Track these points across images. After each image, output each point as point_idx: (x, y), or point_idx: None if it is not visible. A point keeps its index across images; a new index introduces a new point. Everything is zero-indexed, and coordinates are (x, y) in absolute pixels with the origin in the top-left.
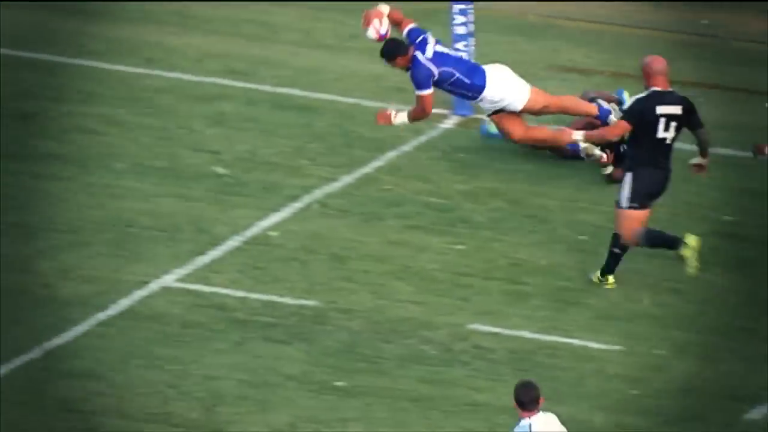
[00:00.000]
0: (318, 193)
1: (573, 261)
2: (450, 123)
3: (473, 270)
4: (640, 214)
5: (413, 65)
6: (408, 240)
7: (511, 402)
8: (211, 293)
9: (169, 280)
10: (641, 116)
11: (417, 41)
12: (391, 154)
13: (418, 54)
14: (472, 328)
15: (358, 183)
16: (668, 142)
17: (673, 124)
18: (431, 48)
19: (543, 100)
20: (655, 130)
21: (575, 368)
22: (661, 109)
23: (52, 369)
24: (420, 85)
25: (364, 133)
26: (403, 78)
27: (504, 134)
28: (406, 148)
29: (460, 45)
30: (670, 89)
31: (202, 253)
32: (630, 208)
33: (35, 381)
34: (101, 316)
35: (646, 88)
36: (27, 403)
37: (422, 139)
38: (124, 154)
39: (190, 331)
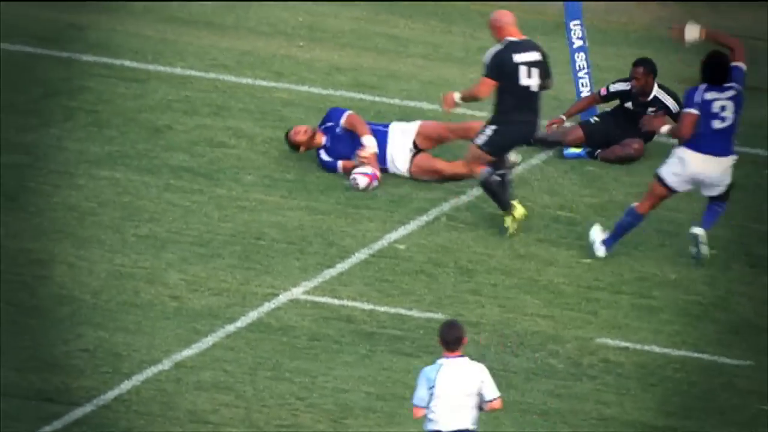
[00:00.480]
0: (446, 206)
1: (702, 275)
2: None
3: (601, 284)
4: (489, 159)
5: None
6: (536, 253)
7: (639, 416)
8: (339, 306)
9: (298, 292)
10: (501, 68)
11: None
12: (518, 168)
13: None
14: (600, 342)
15: (486, 196)
16: (533, 89)
17: (535, 70)
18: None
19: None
20: (517, 78)
21: (704, 383)
22: (518, 57)
23: (181, 380)
24: None
25: None
26: None
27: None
28: (534, 161)
29: (578, 57)
30: (525, 37)
31: (330, 265)
32: (482, 150)
33: (165, 392)
34: (230, 328)
35: (499, 41)
36: (157, 414)
37: (551, 152)
38: (253, 166)
39: (318, 343)
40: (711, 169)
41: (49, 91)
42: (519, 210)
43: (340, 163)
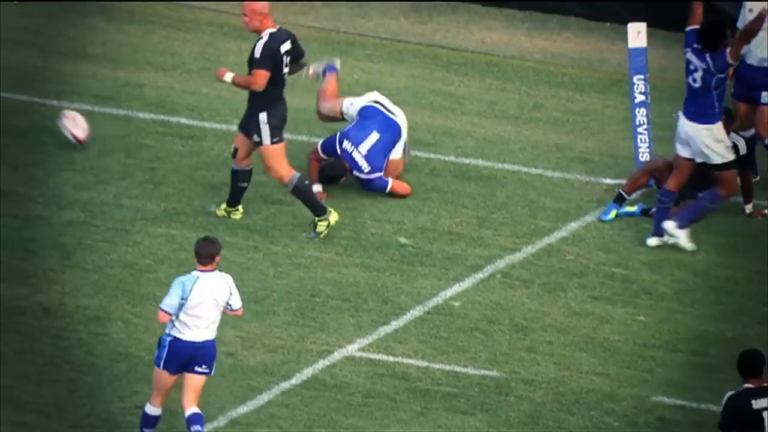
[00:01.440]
0: (501, 263)
1: (760, 333)
2: (635, 194)
3: (657, 341)
4: (282, 146)
5: None
6: (591, 311)
7: None
8: (394, 363)
9: (353, 349)
10: (273, 59)
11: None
12: (573, 225)
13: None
14: (656, 400)
15: (541, 253)
16: (286, 76)
17: (288, 58)
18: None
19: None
20: (281, 68)
21: None
22: (282, 47)
23: None
24: None
25: (547, 203)
26: (588, 148)
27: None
28: (590, 218)
29: (638, 112)
30: (278, 27)
31: (385, 322)
32: (274, 143)
33: None
34: (285, 385)
35: (259, 31)
36: None
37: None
38: (308, 222)
39: (373, 400)
40: (689, 129)
41: (106, 149)
42: (334, 216)
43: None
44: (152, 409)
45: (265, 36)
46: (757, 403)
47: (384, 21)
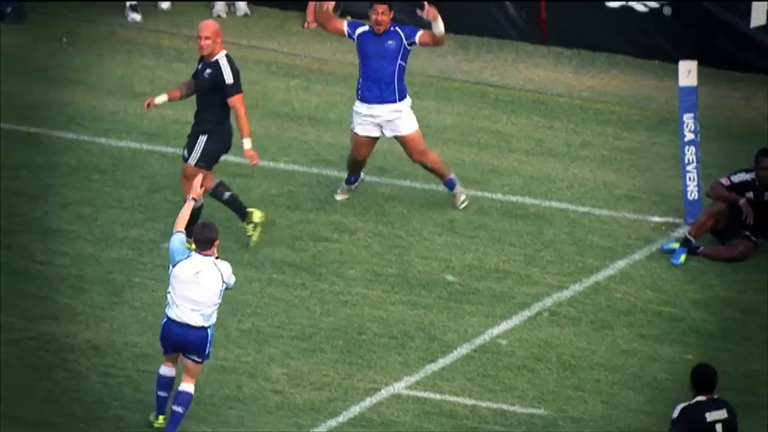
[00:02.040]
0: (548, 301)
1: None
2: (681, 231)
3: None
4: (207, 173)
5: None
6: (639, 349)
7: None
8: (441, 401)
9: (400, 387)
10: (239, 79)
11: None
12: (621, 263)
13: None
14: None
15: (588, 291)
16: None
17: None
18: None
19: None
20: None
21: None
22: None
23: None
24: None
25: (595, 241)
26: (635, 186)
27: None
28: (637, 256)
29: (687, 151)
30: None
31: (432, 360)
32: (198, 167)
33: None
34: (332, 422)
35: (212, 56)
36: None
37: (653, 247)
38: (355, 261)
39: None
40: None
41: (154, 187)
42: (257, 213)
43: None
44: (164, 369)
45: (225, 58)
46: (711, 416)
47: (431, 59)
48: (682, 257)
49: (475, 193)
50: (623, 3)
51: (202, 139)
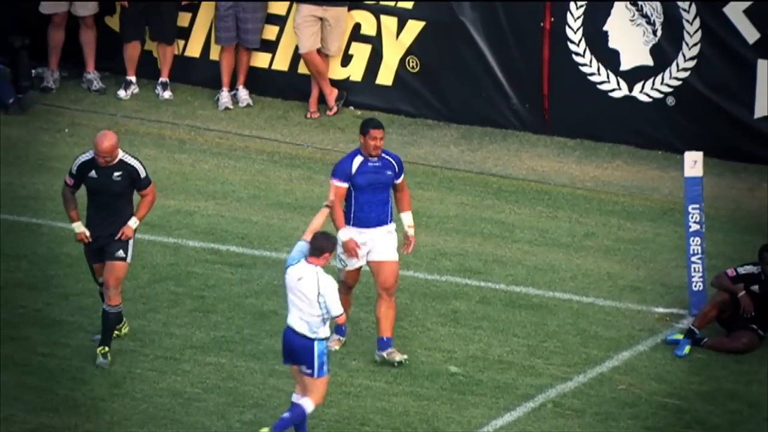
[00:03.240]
0: (552, 393)
1: None
2: (686, 323)
3: None
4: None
5: None
6: None
7: None
8: None
9: None
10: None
11: None
12: (625, 354)
13: None
14: None
15: (592, 382)
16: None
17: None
18: None
19: None
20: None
21: None
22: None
23: None
24: None
25: (599, 332)
26: (639, 277)
27: None
28: (642, 347)
29: (693, 242)
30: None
31: None
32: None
33: None
34: None
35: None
36: None
37: (658, 338)
38: (358, 352)
39: None
40: None
41: (156, 277)
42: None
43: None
44: (294, 396)
45: (128, 155)
46: None
47: (434, 149)
48: (686, 348)
49: (479, 283)
50: (626, 93)
51: (134, 236)
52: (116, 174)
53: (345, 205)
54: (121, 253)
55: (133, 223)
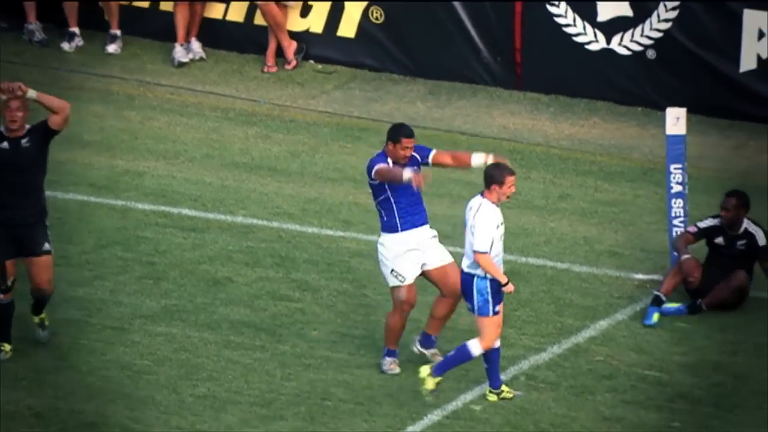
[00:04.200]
0: (525, 365)
1: None
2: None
3: None
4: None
5: None
6: (622, 416)
7: None
8: None
9: None
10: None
11: None
12: (603, 323)
13: None
14: None
15: (568, 354)
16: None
17: None
18: None
19: None
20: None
21: None
22: None
23: None
24: None
25: (574, 300)
26: (618, 241)
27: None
28: (620, 316)
29: (674, 203)
30: None
31: (401, 428)
32: None
33: None
34: None
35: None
36: None
37: (637, 307)
38: (318, 321)
39: None
40: None
41: (103, 242)
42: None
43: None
44: (477, 349)
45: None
46: None
47: (400, 105)
48: (655, 317)
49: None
50: (604, 46)
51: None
52: (25, 141)
53: (385, 215)
54: (47, 245)
55: (32, 94)
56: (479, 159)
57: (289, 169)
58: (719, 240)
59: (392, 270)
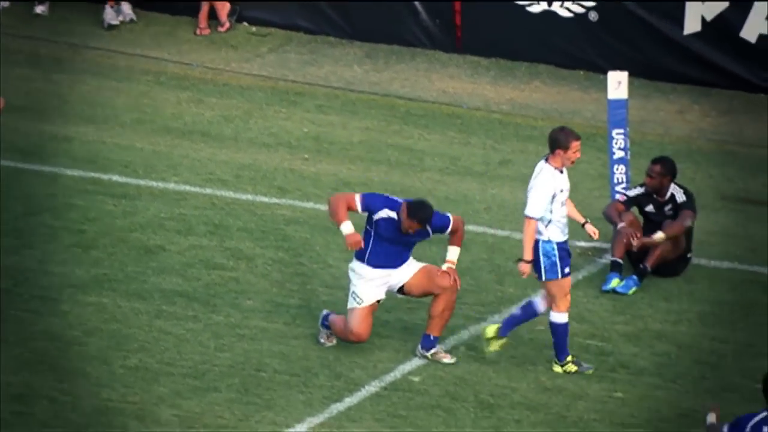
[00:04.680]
0: (465, 335)
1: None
2: (609, 257)
3: (636, 420)
4: None
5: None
6: (563, 386)
7: None
8: None
9: (302, 429)
10: None
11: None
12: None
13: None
14: None
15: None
16: None
17: None
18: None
19: None
20: None
21: None
22: None
23: None
24: None
25: (515, 268)
26: None
27: None
28: None
29: (617, 169)
30: None
31: (337, 399)
32: None
33: None
34: None
35: None
36: None
37: (579, 275)
38: (253, 291)
39: None
40: None
41: (31, 209)
42: None
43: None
44: (562, 317)
45: None
46: None
47: (336, 69)
48: (614, 282)
49: None
50: (545, 8)
51: None
52: None
53: (363, 243)
54: None
55: None
56: (455, 253)
57: (223, 135)
58: (649, 208)
59: (353, 291)
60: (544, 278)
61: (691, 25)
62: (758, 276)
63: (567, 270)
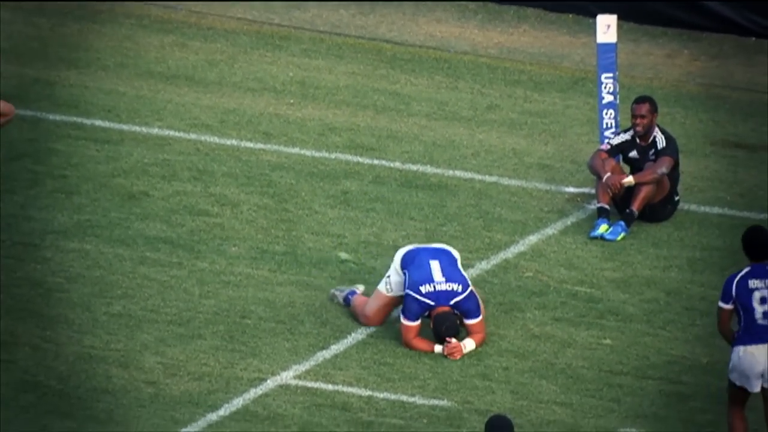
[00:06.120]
0: None
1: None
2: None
3: (625, 368)
4: None
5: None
6: (552, 333)
7: None
8: (334, 392)
9: (288, 377)
10: None
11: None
12: (532, 238)
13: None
14: None
15: (496, 270)
16: None
17: None
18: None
19: None
20: None
21: None
22: None
23: None
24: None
25: (503, 214)
26: (548, 153)
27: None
28: (550, 231)
29: (606, 114)
30: None
31: (323, 347)
32: None
33: None
34: (213, 416)
35: None
36: None
37: (568, 221)
38: (238, 237)
39: None
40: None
41: (12, 154)
42: None
43: None
44: None
45: None
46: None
47: (322, 12)
48: (602, 228)
49: (371, 161)
50: None
51: None
52: None
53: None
54: None
55: None
56: (471, 345)
57: (207, 79)
58: (633, 154)
59: (389, 276)
60: None
61: None
62: (748, 221)
63: None
